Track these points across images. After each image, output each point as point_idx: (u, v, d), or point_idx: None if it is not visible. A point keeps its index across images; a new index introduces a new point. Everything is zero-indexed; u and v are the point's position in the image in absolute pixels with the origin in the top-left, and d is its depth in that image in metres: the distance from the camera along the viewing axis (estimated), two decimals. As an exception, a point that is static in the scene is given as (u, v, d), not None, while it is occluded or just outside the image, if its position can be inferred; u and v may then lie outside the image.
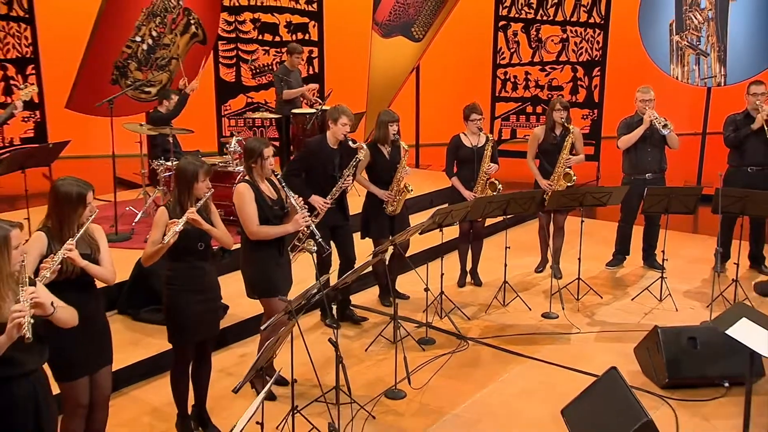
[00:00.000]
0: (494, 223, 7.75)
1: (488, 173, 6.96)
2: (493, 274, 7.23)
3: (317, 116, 9.00)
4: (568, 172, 7.23)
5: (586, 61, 11.28)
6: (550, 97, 11.35)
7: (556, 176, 7.25)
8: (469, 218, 6.72)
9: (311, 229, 5.18)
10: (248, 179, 5.10)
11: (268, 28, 11.55)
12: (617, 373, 4.80)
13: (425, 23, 11.34)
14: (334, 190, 6.06)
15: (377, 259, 5.64)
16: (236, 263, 5.36)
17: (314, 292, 4.67)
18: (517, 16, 11.46)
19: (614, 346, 6.11)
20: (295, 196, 5.12)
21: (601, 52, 11.15)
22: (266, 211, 5.03)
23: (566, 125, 7.23)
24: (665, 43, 10.36)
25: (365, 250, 6.39)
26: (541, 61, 11.49)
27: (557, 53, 11.40)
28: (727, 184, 7.34)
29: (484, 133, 6.98)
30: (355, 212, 6.59)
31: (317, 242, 5.19)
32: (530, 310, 6.81)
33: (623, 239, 7.81)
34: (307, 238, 5.34)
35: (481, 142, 6.96)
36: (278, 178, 5.12)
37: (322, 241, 5.21)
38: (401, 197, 6.52)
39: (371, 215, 6.58)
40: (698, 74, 10.25)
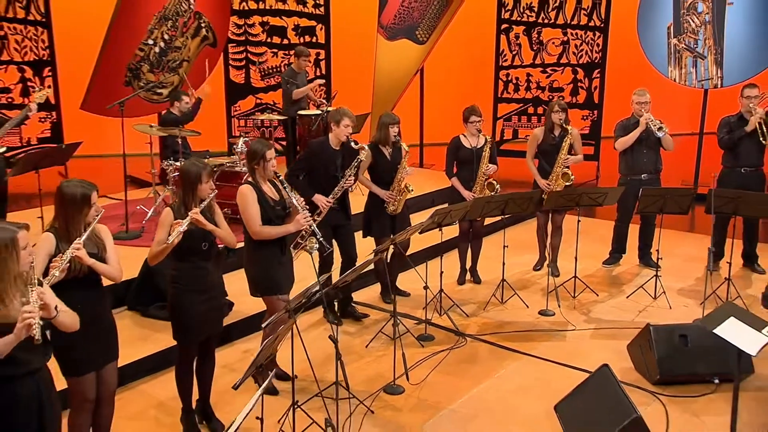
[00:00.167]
0: (493, 222, 7.75)
1: (487, 174, 6.94)
2: (492, 272, 7.21)
3: (323, 117, 9.01)
4: (566, 172, 7.22)
5: (586, 63, 11.24)
6: (551, 98, 11.33)
7: (554, 176, 7.23)
8: (468, 218, 6.71)
9: (312, 228, 5.18)
10: (251, 180, 5.10)
11: (276, 31, 11.58)
12: (609, 370, 4.80)
13: (429, 26, 11.32)
14: (336, 189, 6.07)
15: (377, 258, 5.64)
16: (241, 262, 5.35)
17: (314, 290, 4.67)
18: (519, 19, 11.43)
19: (609, 343, 6.09)
20: (296, 196, 5.13)
21: (600, 54, 11.11)
22: (269, 211, 5.04)
23: (565, 126, 7.20)
24: (663, 45, 10.30)
25: (367, 248, 6.39)
26: (542, 63, 11.46)
27: (558, 55, 11.36)
28: (721, 184, 7.34)
29: (483, 134, 6.96)
30: (357, 211, 6.60)
31: (318, 242, 5.21)
32: (528, 307, 6.79)
33: (619, 238, 7.79)
34: (309, 237, 5.34)
35: (480, 143, 6.94)
36: (280, 179, 5.12)
37: (323, 240, 5.21)
38: (402, 197, 6.51)
39: (373, 215, 6.58)
40: (695, 76, 10.19)
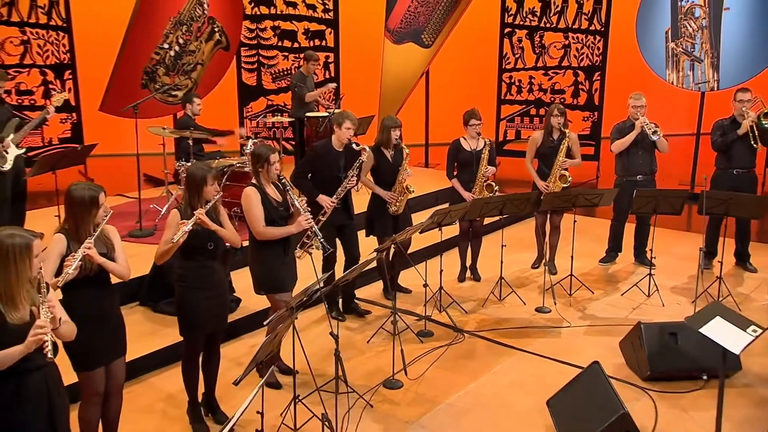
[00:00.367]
0: (493, 221, 7.71)
1: (486, 175, 6.93)
2: (491, 270, 7.19)
3: (329, 119, 9.02)
4: (564, 174, 7.19)
5: (586, 66, 11.17)
6: (552, 99, 11.31)
7: (552, 178, 7.20)
8: (467, 218, 6.70)
9: (314, 229, 5.20)
10: (255, 183, 5.12)
11: (287, 35, 11.58)
12: (599, 367, 4.79)
13: (435, 30, 11.29)
14: (339, 190, 6.08)
15: (377, 257, 5.64)
16: (247, 260, 5.38)
17: (315, 289, 4.68)
18: (521, 23, 11.38)
19: (602, 339, 6.07)
20: (298, 198, 5.14)
21: (601, 57, 11.04)
22: (272, 212, 5.06)
23: (563, 130, 7.18)
24: (661, 49, 10.24)
25: (370, 247, 6.38)
26: (544, 66, 11.41)
27: (560, 58, 11.31)
28: (714, 185, 7.31)
29: (482, 137, 6.94)
30: (359, 211, 6.60)
31: (320, 242, 5.23)
32: (525, 304, 6.77)
33: (615, 237, 7.76)
34: (314, 237, 5.35)
35: (479, 146, 6.93)
36: (283, 182, 5.14)
37: (323, 241, 5.23)
38: (403, 198, 6.51)
39: (375, 215, 6.58)
40: (692, 79, 10.12)
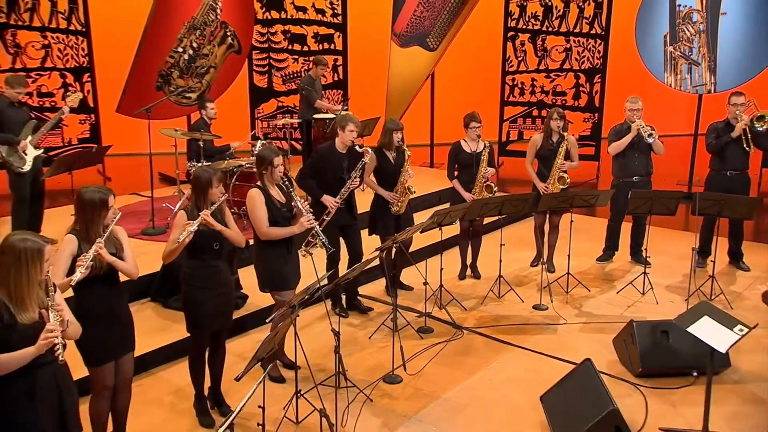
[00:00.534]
0: (493, 221, 7.69)
1: (486, 177, 6.93)
2: (491, 268, 7.17)
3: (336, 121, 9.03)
4: (562, 176, 7.17)
5: (587, 68, 11.14)
6: (554, 101, 11.29)
7: (551, 180, 7.19)
8: (467, 218, 6.72)
9: (316, 230, 5.22)
10: (260, 185, 5.15)
11: (297, 38, 11.60)
12: (591, 364, 4.81)
13: (440, 34, 11.28)
14: (342, 190, 6.09)
15: (377, 255, 5.66)
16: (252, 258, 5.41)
17: (316, 288, 4.70)
18: (524, 27, 11.35)
19: (597, 336, 6.07)
20: (301, 200, 5.17)
21: (601, 60, 11.01)
22: (275, 213, 5.09)
23: (562, 133, 7.17)
24: (660, 53, 10.19)
25: (373, 246, 6.39)
26: (546, 68, 11.37)
27: (561, 61, 11.27)
28: (708, 186, 7.29)
29: (482, 140, 6.94)
30: (363, 210, 6.60)
31: (322, 242, 5.26)
32: (523, 302, 6.77)
33: (612, 236, 7.74)
34: (321, 235, 5.37)
35: (479, 148, 6.93)
36: (286, 184, 5.16)
37: (325, 242, 5.26)
38: (405, 198, 6.52)
39: (378, 214, 6.59)
40: (690, 82, 10.07)
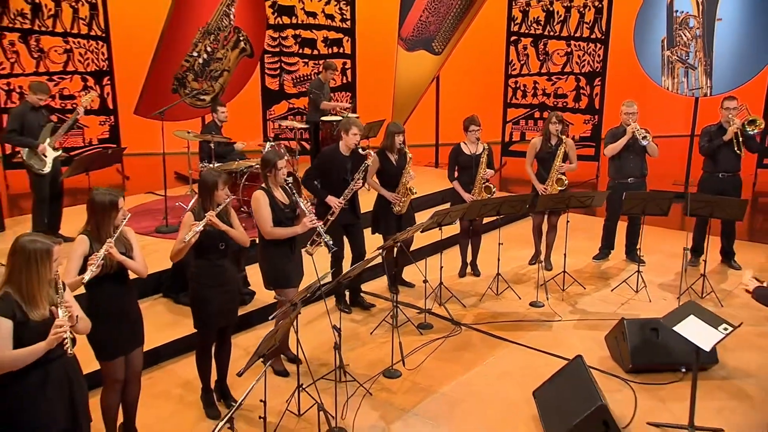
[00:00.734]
0: (493, 220, 7.67)
1: (485, 178, 6.93)
2: (491, 266, 7.16)
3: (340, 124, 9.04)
4: (560, 177, 7.14)
5: (588, 72, 11.09)
6: (555, 103, 11.25)
7: (550, 181, 7.16)
8: (466, 218, 6.72)
9: (318, 230, 5.25)
10: (264, 186, 5.17)
11: (307, 42, 11.63)
12: (581, 361, 4.80)
13: (445, 38, 11.27)
14: (346, 191, 6.09)
15: (377, 255, 5.67)
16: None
17: (317, 286, 4.73)
18: (526, 31, 11.32)
19: (590, 333, 6.05)
20: (304, 201, 5.19)
21: (601, 64, 10.95)
22: (279, 214, 5.11)
23: (560, 136, 7.14)
24: (657, 57, 10.12)
25: (375, 244, 6.39)
26: (548, 71, 11.34)
27: (562, 65, 11.22)
28: (701, 188, 7.26)
29: (481, 142, 6.94)
30: (366, 210, 6.61)
31: (324, 241, 5.28)
32: (520, 299, 6.76)
33: (608, 236, 7.70)
34: (323, 235, 5.39)
35: (479, 150, 6.92)
36: (289, 186, 5.18)
37: (327, 241, 5.28)
38: (407, 198, 6.53)
39: (381, 214, 6.60)
40: (687, 85, 10.00)
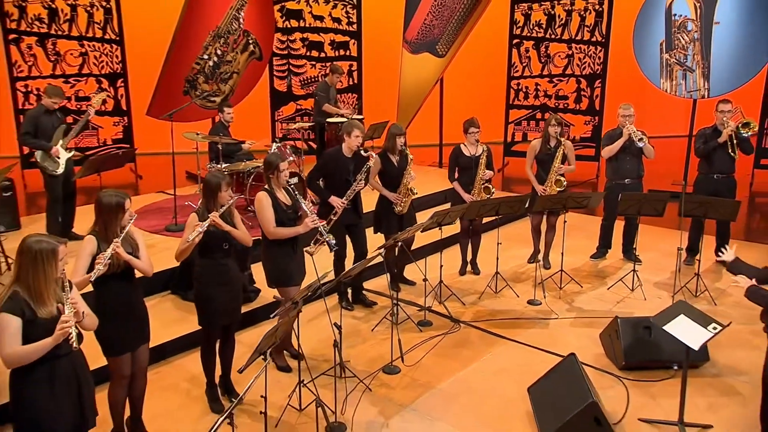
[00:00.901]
0: (492, 220, 7.67)
1: (484, 179, 6.92)
2: (491, 264, 7.13)
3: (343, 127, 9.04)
4: (559, 179, 7.12)
5: (588, 74, 11.07)
6: (557, 105, 11.22)
7: (549, 182, 7.14)
8: (466, 218, 6.72)
9: (319, 229, 5.26)
10: (267, 188, 5.19)
11: (314, 45, 11.65)
12: (575, 359, 4.80)
13: (448, 41, 11.24)
14: (348, 192, 6.11)
15: (378, 254, 5.68)
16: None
17: (318, 285, 4.74)
18: (528, 34, 11.30)
19: (585, 330, 6.03)
20: (305, 202, 5.20)
21: (601, 66, 10.94)
22: (281, 214, 5.13)
23: (559, 138, 7.12)
24: (656, 60, 10.07)
25: (377, 243, 6.37)
26: (549, 74, 11.32)
27: (563, 67, 11.22)
28: (696, 188, 7.23)
29: (480, 144, 6.92)
30: (368, 210, 6.62)
31: (325, 241, 5.29)
32: (518, 297, 6.74)
33: (606, 235, 7.68)
34: (326, 234, 5.41)
35: (478, 152, 6.91)
36: (292, 187, 5.20)
37: (329, 240, 5.30)
38: (408, 199, 6.52)
39: (382, 214, 6.60)
40: (685, 88, 9.93)
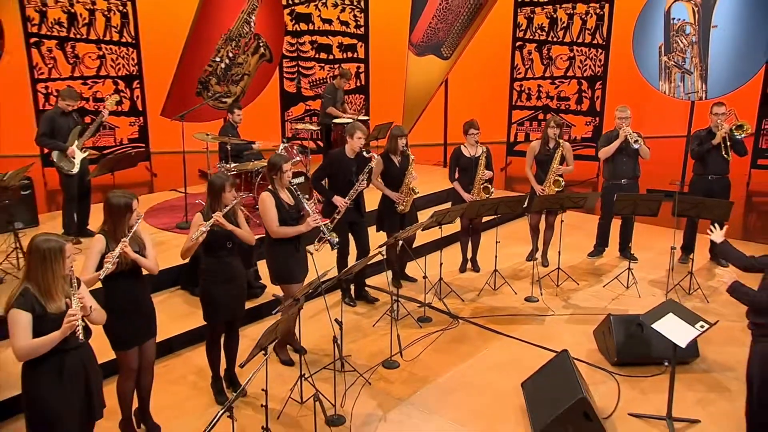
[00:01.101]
0: (492, 218, 7.68)
1: (484, 179, 6.91)
2: (490, 262, 7.12)
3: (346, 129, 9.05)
4: (557, 179, 7.10)
5: (589, 76, 11.03)
6: (558, 106, 11.18)
7: (548, 183, 7.12)
8: (466, 217, 6.71)
9: (321, 228, 5.29)
10: (271, 188, 5.22)
11: (323, 48, 11.68)
12: (567, 355, 4.81)
13: (453, 44, 11.23)
14: (351, 192, 6.13)
15: (378, 252, 5.69)
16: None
17: (318, 283, 4.76)
18: (531, 37, 11.27)
19: (580, 327, 6.02)
20: (308, 202, 5.23)
21: (602, 68, 10.90)
22: (284, 214, 5.16)
23: (558, 140, 7.10)
24: (655, 62, 10.02)
25: (380, 241, 6.39)
26: (551, 75, 11.29)
27: (565, 69, 11.18)
28: (692, 189, 7.20)
29: (480, 145, 6.92)
30: (371, 208, 6.62)
31: (327, 239, 5.32)
32: (516, 294, 6.73)
33: (603, 234, 7.66)
34: (329, 232, 5.43)
35: (478, 153, 6.90)
36: (294, 187, 5.23)
37: (331, 239, 5.32)
38: (409, 198, 6.53)
39: (385, 213, 6.61)
40: (683, 90, 9.89)
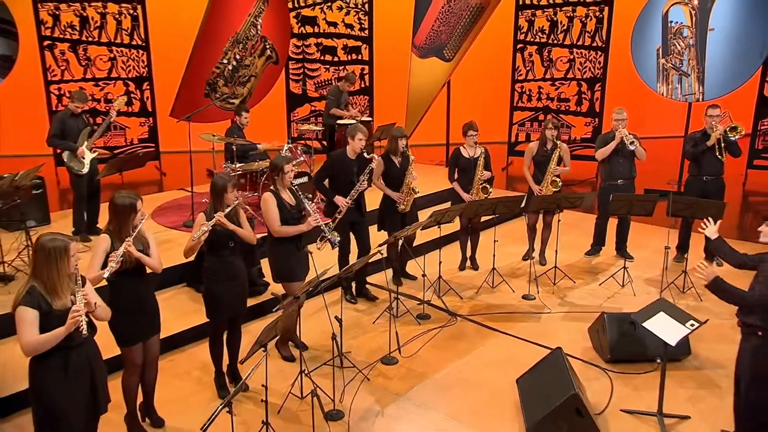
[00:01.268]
0: (491, 218, 7.67)
1: (482, 179, 6.90)
2: (489, 260, 7.09)
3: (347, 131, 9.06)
4: (555, 180, 7.09)
5: (589, 77, 10.98)
6: (558, 107, 11.15)
7: (545, 183, 7.10)
8: (464, 217, 6.71)
9: (322, 228, 5.30)
10: (273, 189, 5.24)
11: (328, 50, 11.68)
12: (560, 352, 4.80)
13: (455, 46, 11.21)
14: (352, 192, 6.14)
15: (378, 251, 5.70)
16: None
17: (318, 281, 4.77)
18: (532, 40, 11.23)
19: (576, 325, 6.02)
20: (309, 202, 5.24)
21: (602, 70, 10.85)
22: (286, 214, 5.17)
23: (555, 141, 7.08)
24: (653, 64, 9.98)
25: (380, 240, 6.41)
26: (551, 77, 11.25)
27: (565, 71, 11.14)
28: (687, 190, 7.18)
29: (479, 146, 6.91)
30: (372, 208, 6.63)
31: (327, 239, 5.33)
32: (513, 292, 6.72)
33: (599, 233, 7.64)
34: (330, 231, 5.44)
35: (476, 153, 6.89)
36: (296, 188, 5.24)
37: (331, 238, 5.33)
38: (410, 198, 6.53)
39: (386, 213, 6.61)
40: (680, 91, 9.85)
